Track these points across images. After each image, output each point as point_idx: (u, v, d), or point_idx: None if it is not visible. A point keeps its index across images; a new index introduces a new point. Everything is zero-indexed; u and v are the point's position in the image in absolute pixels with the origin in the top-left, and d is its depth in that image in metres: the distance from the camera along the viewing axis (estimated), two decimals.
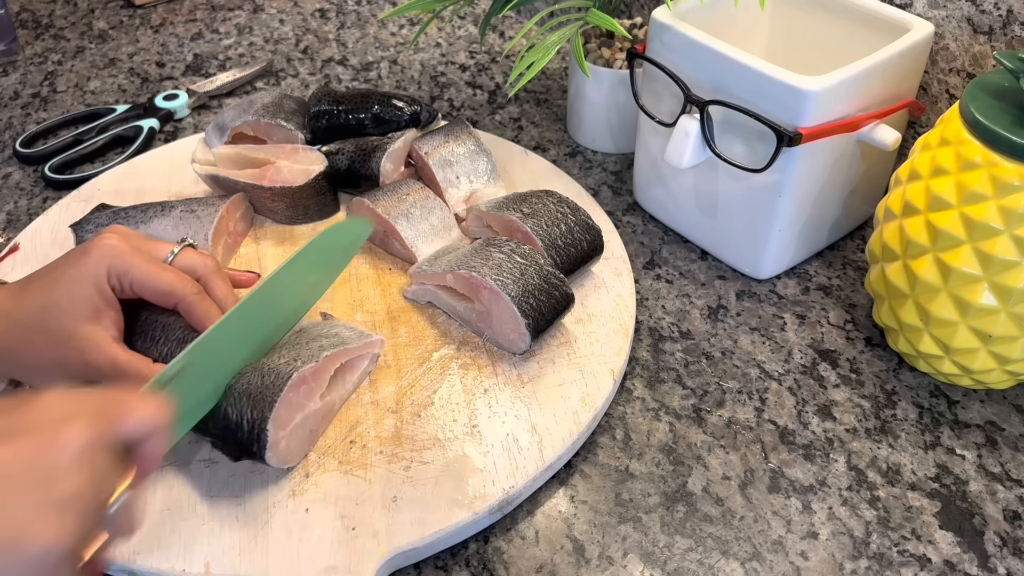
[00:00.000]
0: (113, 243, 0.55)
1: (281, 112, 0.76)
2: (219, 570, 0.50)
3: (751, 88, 0.62)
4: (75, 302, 0.53)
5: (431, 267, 0.64)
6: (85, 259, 0.54)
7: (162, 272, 0.55)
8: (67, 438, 0.37)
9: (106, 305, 0.54)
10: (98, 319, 0.54)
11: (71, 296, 0.53)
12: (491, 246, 0.62)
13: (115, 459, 0.40)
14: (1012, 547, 0.54)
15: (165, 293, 0.55)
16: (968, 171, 0.54)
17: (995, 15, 0.67)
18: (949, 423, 0.61)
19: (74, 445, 0.37)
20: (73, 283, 0.53)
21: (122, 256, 0.54)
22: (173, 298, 0.55)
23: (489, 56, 1.00)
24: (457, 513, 0.53)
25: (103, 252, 0.54)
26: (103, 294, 0.54)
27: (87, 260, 0.54)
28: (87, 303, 0.53)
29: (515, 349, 0.62)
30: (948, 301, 0.57)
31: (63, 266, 0.54)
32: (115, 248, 0.54)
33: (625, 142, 0.84)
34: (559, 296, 0.61)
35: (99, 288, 0.54)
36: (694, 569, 0.53)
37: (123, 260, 0.54)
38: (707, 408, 0.62)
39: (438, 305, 0.65)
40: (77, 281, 0.53)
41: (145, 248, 0.57)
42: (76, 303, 0.53)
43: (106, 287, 0.54)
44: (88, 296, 0.53)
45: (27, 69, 0.98)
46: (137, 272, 0.54)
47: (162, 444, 0.43)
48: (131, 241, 0.56)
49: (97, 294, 0.54)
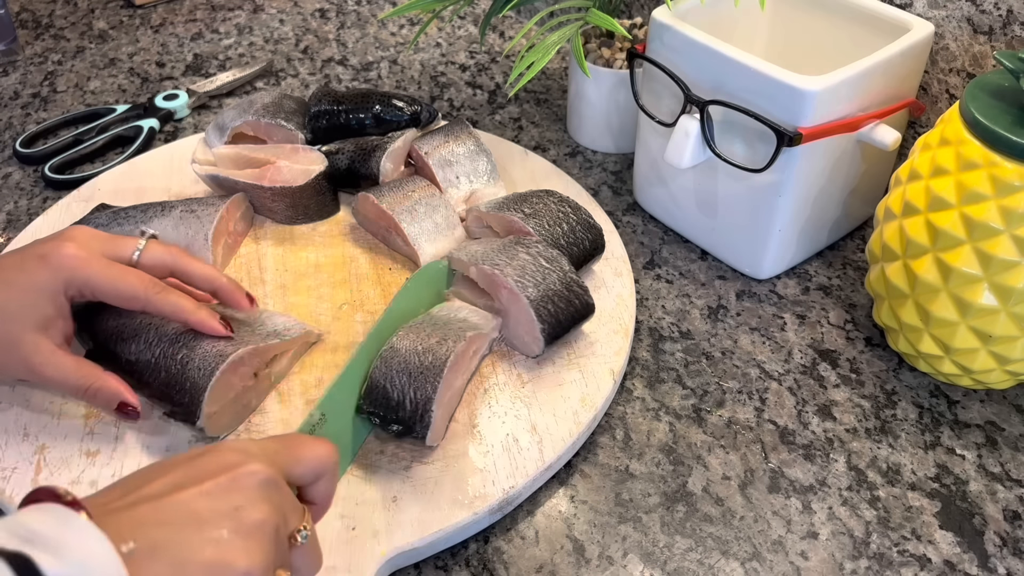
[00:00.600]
0: (71, 252, 0.54)
1: (281, 112, 0.76)
2: None
3: (751, 88, 0.62)
4: (24, 310, 0.52)
5: (458, 253, 0.64)
6: (42, 268, 0.53)
7: (123, 277, 0.54)
8: (250, 472, 0.39)
9: (56, 314, 0.54)
10: (45, 328, 0.53)
11: (21, 303, 0.52)
12: (519, 245, 0.62)
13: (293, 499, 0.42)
14: (1012, 547, 0.54)
15: (129, 298, 0.55)
16: (968, 171, 0.54)
17: (995, 15, 0.67)
18: (949, 423, 0.61)
19: (255, 480, 0.39)
20: (25, 291, 0.53)
21: (82, 267, 0.53)
22: (137, 302, 0.55)
23: (489, 56, 1.00)
24: (457, 513, 0.53)
25: (61, 263, 0.53)
26: (55, 304, 0.53)
27: (43, 270, 0.53)
28: (36, 312, 0.53)
29: (528, 352, 0.62)
30: (948, 301, 0.57)
31: (16, 270, 0.53)
32: (74, 259, 0.53)
33: (625, 142, 0.84)
34: (579, 304, 0.61)
35: (53, 299, 0.53)
36: (694, 569, 0.53)
37: (82, 271, 0.53)
38: (707, 408, 0.62)
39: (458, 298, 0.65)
40: (30, 290, 0.53)
41: (108, 249, 0.56)
42: (25, 311, 0.52)
43: (61, 298, 0.54)
44: (38, 305, 0.53)
45: (27, 69, 0.98)
46: (98, 281, 0.54)
47: (334, 482, 0.45)
48: (92, 245, 0.55)
49: (49, 304, 0.53)
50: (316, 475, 0.43)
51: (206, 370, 0.54)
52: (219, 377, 0.54)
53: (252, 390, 0.58)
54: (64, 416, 0.58)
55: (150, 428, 0.57)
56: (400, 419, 0.54)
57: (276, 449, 0.42)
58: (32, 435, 0.57)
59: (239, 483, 0.39)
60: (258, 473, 0.39)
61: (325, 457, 0.44)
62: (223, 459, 0.40)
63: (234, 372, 0.55)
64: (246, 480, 0.39)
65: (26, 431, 0.57)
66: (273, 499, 0.39)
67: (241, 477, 0.39)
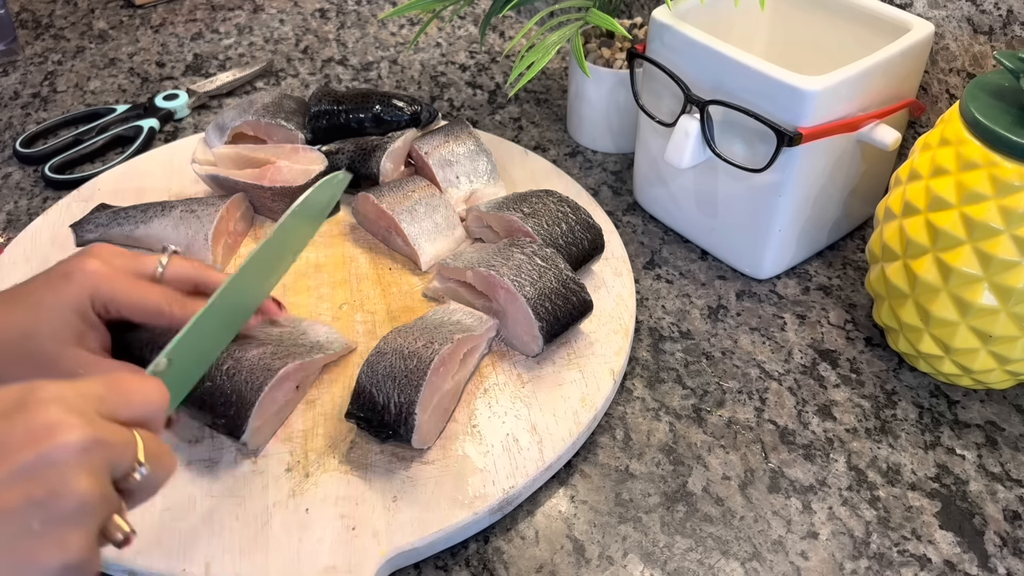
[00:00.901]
0: (95, 268, 0.53)
1: (281, 112, 0.76)
2: (219, 570, 0.50)
3: (751, 88, 0.62)
4: (58, 330, 0.52)
5: (454, 261, 0.64)
6: (67, 285, 0.53)
7: (147, 294, 0.54)
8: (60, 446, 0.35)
9: (90, 328, 0.54)
10: (82, 341, 0.53)
11: (53, 324, 0.52)
12: (514, 247, 0.63)
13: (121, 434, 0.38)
14: (1012, 547, 0.54)
15: (153, 314, 0.54)
16: (968, 171, 0.54)
17: (995, 15, 0.67)
18: (949, 423, 0.61)
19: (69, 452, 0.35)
20: (55, 310, 0.52)
21: (105, 282, 0.53)
22: (162, 318, 0.54)
23: (489, 56, 1.00)
24: (457, 513, 0.53)
25: (86, 279, 0.53)
26: (86, 319, 0.53)
27: (69, 287, 0.53)
28: (70, 329, 0.53)
29: (528, 352, 0.62)
30: (948, 301, 0.57)
31: (43, 289, 0.53)
32: (98, 275, 0.53)
33: (625, 142, 0.84)
34: (576, 302, 0.61)
35: (82, 315, 0.53)
36: (694, 569, 0.53)
37: (107, 287, 0.53)
38: (707, 408, 0.62)
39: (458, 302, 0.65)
40: (58, 308, 0.52)
41: (131, 266, 0.55)
42: (59, 331, 0.52)
43: (90, 313, 0.53)
44: (70, 323, 0.53)
45: (27, 69, 0.98)
46: (123, 298, 0.53)
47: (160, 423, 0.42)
48: (114, 262, 0.55)
49: (80, 320, 0.53)
50: (144, 419, 0.41)
51: (254, 384, 0.53)
52: (267, 392, 0.54)
53: (290, 403, 0.58)
54: None
55: None
56: (386, 423, 0.53)
57: (100, 394, 0.39)
58: None
59: (50, 460, 0.35)
60: (71, 443, 0.35)
61: (155, 400, 0.41)
62: (32, 426, 0.36)
63: (280, 387, 0.55)
64: (58, 454, 0.35)
65: None
66: (94, 462, 0.36)
67: (52, 452, 0.35)
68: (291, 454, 0.56)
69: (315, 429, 0.58)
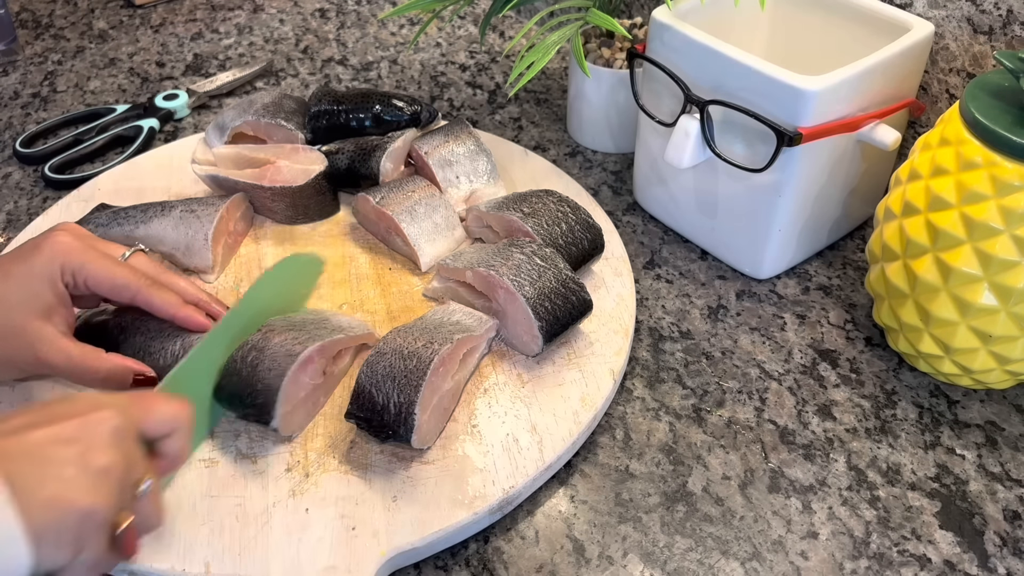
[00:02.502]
0: (65, 240, 0.55)
1: (281, 112, 0.76)
2: (219, 570, 0.50)
3: (751, 88, 0.62)
4: (26, 299, 0.53)
5: (454, 262, 0.64)
6: (37, 255, 0.54)
7: (115, 266, 0.56)
8: (100, 419, 0.42)
9: (58, 302, 0.55)
10: (49, 316, 0.54)
11: (21, 293, 0.53)
12: (513, 247, 0.63)
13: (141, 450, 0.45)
14: (1012, 547, 0.54)
15: (121, 287, 0.56)
16: (968, 171, 0.54)
17: (995, 15, 0.67)
18: (949, 423, 0.61)
19: (107, 426, 0.42)
20: (24, 279, 0.54)
21: (75, 253, 0.55)
22: (128, 291, 0.56)
23: (489, 56, 1.00)
24: (457, 513, 0.53)
25: (56, 249, 0.54)
26: (55, 291, 0.54)
27: (39, 256, 0.54)
28: (38, 300, 0.54)
29: (528, 351, 0.62)
30: (948, 301, 0.57)
31: (14, 261, 0.54)
32: (68, 245, 0.55)
33: (625, 142, 0.84)
34: (576, 301, 0.61)
35: (52, 285, 0.54)
36: (694, 569, 0.53)
37: (76, 256, 0.55)
38: (707, 408, 0.62)
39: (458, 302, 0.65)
40: (28, 277, 0.54)
41: (98, 245, 0.57)
42: (27, 300, 0.53)
43: (59, 284, 0.54)
44: (39, 293, 0.54)
45: (27, 69, 0.98)
46: (92, 267, 0.55)
47: (185, 441, 0.47)
48: (84, 240, 0.56)
49: (49, 291, 0.54)
50: (167, 430, 0.47)
51: (277, 370, 0.54)
52: (291, 376, 0.54)
53: (321, 388, 0.59)
54: None
55: None
56: (385, 423, 0.54)
57: (129, 402, 0.45)
58: None
59: (89, 428, 0.42)
60: (108, 420, 0.43)
61: (177, 413, 0.47)
62: (77, 406, 0.43)
63: (304, 370, 0.56)
64: (96, 426, 0.42)
65: None
66: (121, 446, 0.43)
67: (92, 423, 0.42)
68: (291, 454, 0.56)
69: (315, 429, 0.58)
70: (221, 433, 0.57)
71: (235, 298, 0.66)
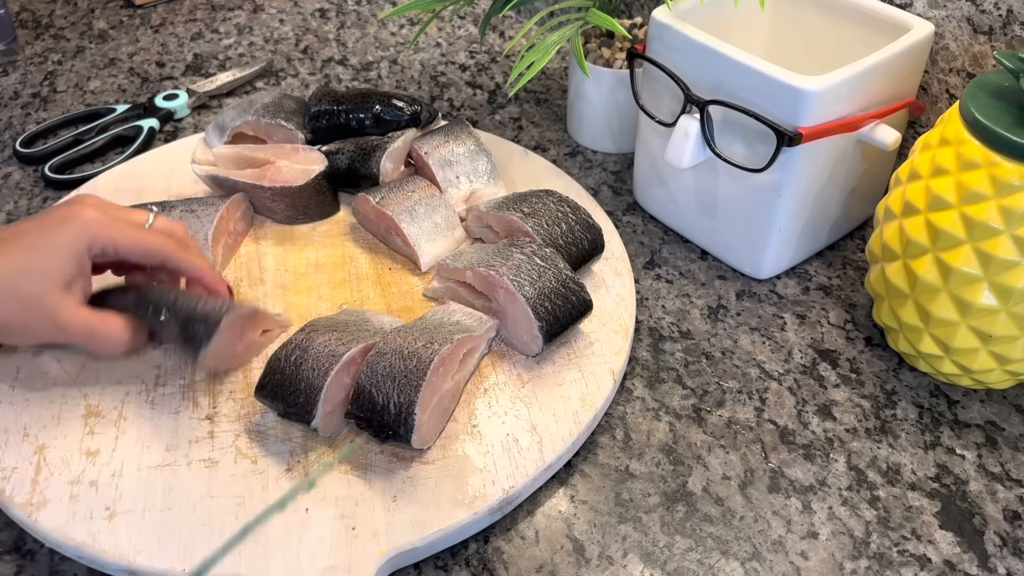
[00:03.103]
0: (92, 215, 0.56)
1: (281, 112, 0.76)
2: (219, 570, 0.50)
3: (751, 88, 0.62)
4: (50, 271, 0.55)
5: (454, 262, 0.64)
6: (63, 229, 0.55)
7: (145, 235, 0.58)
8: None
9: (79, 274, 0.56)
10: (69, 287, 0.55)
11: (47, 265, 0.55)
12: (513, 247, 0.63)
13: None
14: (1012, 547, 0.54)
15: (152, 253, 0.58)
16: (968, 171, 0.54)
17: (995, 15, 0.67)
18: (949, 423, 0.61)
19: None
20: (51, 251, 0.55)
21: (104, 228, 0.56)
22: (159, 257, 0.58)
23: (489, 56, 1.00)
24: (457, 513, 0.53)
25: (84, 224, 0.56)
26: (80, 264, 0.56)
27: (66, 231, 0.55)
28: (61, 272, 0.55)
29: (528, 351, 0.62)
30: (948, 301, 0.57)
31: (39, 232, 0.55)
32: (96, 221, 0.56)
33: (625, 142, 0.84)
34: (576, 301, 0.61)
35: (78, 259, 0.56)
36: (694, 569, 0.53)
37: (107, 231, 0.56)
38: (707, 408, 0.62)
39: (458, 302, 0.65)
40: (55, 249, 0.55)
41: (123, 215, 0.59)
42: (51, 272, 0.55)
43: (85, 258, 0.56)
44: (64, 265, 0.55)
45: (27, 69, 0.98)
46: (124, 240, 0.57)
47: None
48: (108, 211, 0.58)
49: (74, 264, 0.55)
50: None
51: (320, 370, 0.55)
52: (333, 377, 0.55)
53: None
54: (64, 416, 0.58)
55: (150, 427, 0.57)
56: (385, 423, 0.54)
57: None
58: (32, 435, 0.57)
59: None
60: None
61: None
62: None
63: (347, 371, 0.56)
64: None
65: (26, 431, 0.57)
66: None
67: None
68: (291, 454, 0.56)
69: None
70: (221, 433, 0.57)
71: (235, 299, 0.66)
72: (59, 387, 0.60)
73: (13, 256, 0.54)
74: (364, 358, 0.57)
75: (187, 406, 0.59)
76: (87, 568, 0.53)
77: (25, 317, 0.55)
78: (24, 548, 0.54)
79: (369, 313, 0.62)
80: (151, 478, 0.54)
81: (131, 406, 0.59)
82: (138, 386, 0.60)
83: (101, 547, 0.51)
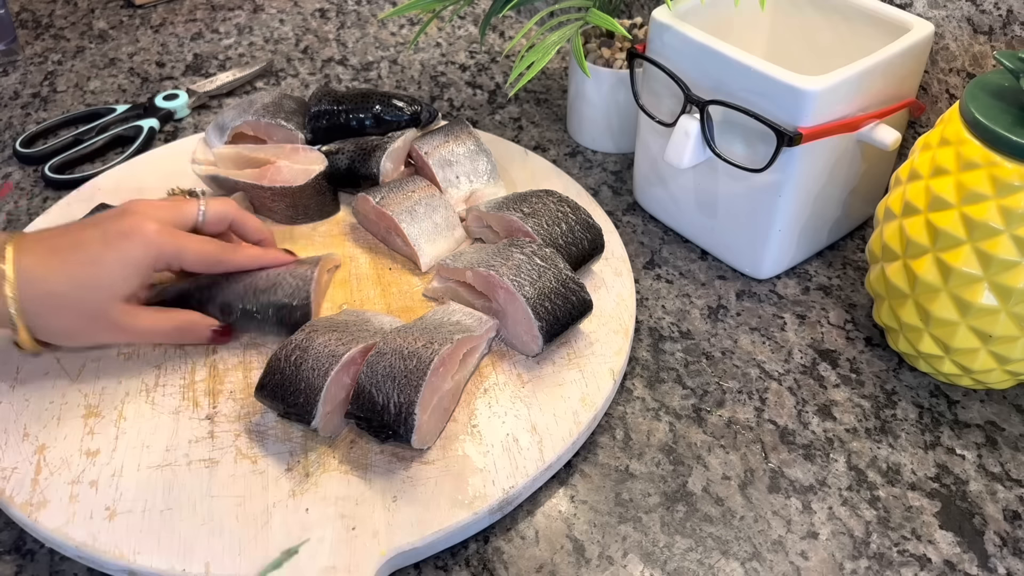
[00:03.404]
0: (153, 228, 0.58)
1: (281, 112, 0.76)
2: (219, 570, 0.50)
3: (751, 88, 0.62)
4: (116, 285, 0.56)
5: (454, 262, 0.64)
6: (127, 245, 0.57)
7: (205, 246, 0.60)
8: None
9: (141, 286, 0.58)
10: (131, 297, 0.58)
11: (112, 279, 0.56)
12: (513, 247, 0.63)
13: None
14: (1012, 547, 0.54)
15: (212, 264, 0.61)
16: (968, 171, 0.54)
17: (995, 15, 0.67)
18: (949, 423, 0.61)
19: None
20: (116, 267, 0.56)
21: (169, 243, 0.58)
22: (220, 267, 0.61)
23: (489, 56, 1.00)
24: (457, 513, 0.53)
25: (147, 240, 0.57)
26: (144, 278, 0.58)
27: (131, 247, 0.57)
28: (127, 285, 0.57)
29: (528, 351, 0.62)
30: (948, 301, 0.57)
31: (102, 246, 0.56)
32: (160, 234, 0.58)
33: (625, 142, 0.84)
34: (576, 301, 0.61)
35: (142, 275, 0.58)
36: (694, 569, 0.53)
37: (171, 246, 0.58)
38: (707, 408, 0.62)
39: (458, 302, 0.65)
40: (121, 265, 0.56)
41: (175, 217, 0.60)
42: (116, 285, 0.57)
43: (149, 272, 0.58)
44: (129, 279, 0.57)
45: (27, 69, 0.98)
46: (188, 254, 0.59)
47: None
48: (164, 220, 0.59)
49: (138, 279, 0.57)
50: None
51: (320, 370, 0.55)
52: (333, 377, 0.55)
53: None
54: (64, 416, 0.58)
55: (150, 428, 0.57)
56: (385, 423, 0.54)
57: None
58: (32, 435, 0.57)
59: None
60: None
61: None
62: None
63: (346, 372, 0.56)
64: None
65: (26, 431, 0.57)
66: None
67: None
68: (291, 454, 0.56)
69: None
70: (221, 433, 0.57)
71: None
72: (59, 387, 0.60)
73: (77, 270, 0.55)
74: (364, 358, 0.57)
75: (187, 406, 0.59)
76: (87, 568, 0.53)
77: (85, 324, 0.57)
78: (24, 548, 0.54)
79: (369, 313, 0.62)
80: (151, 478, 0.54)
81: (131, 406, 0.59)
82: (138, 386, 0.60)
83: (101, 547, 0.51)
